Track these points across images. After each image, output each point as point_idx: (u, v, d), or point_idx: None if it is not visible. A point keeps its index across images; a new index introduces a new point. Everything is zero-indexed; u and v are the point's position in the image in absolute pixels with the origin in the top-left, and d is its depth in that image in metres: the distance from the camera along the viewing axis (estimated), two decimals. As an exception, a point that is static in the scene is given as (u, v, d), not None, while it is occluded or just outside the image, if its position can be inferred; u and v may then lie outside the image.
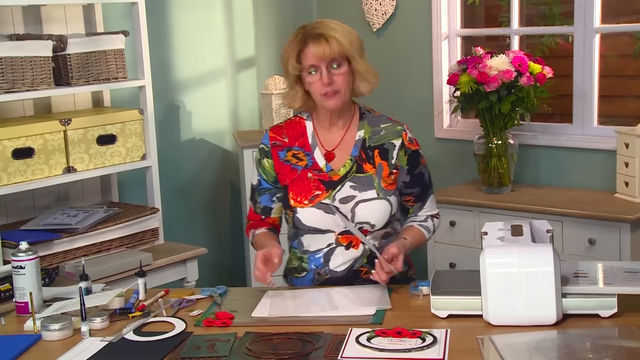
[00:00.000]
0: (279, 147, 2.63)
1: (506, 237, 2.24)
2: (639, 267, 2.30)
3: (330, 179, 2.58)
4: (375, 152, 2.60)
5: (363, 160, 2.59)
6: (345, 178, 2.57)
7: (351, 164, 2.59)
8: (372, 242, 2.55)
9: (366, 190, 2.56)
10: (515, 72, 3.79)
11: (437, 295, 2.25)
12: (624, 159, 3.73)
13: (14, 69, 3.23)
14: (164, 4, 4.12)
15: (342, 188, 2.56)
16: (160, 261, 3.49)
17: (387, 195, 2.58)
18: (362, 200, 2.55)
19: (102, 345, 2.19)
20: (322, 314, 2.31)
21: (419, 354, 2.01)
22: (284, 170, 2.62)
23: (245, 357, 2.06)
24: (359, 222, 2.55)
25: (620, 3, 4.61)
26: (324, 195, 2.56)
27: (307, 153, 2.62)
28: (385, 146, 2.61)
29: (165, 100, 4.16)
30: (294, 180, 2.59)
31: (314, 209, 2.55)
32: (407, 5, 4.51)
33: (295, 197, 2.58)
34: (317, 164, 2.60)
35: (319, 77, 2.50)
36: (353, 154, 2.60)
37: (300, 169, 2.60)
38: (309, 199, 2.56)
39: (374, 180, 2.58)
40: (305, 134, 2.64)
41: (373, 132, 2.62)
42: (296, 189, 2.58)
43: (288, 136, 2.64)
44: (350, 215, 2.54)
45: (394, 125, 2.65)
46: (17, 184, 3.26)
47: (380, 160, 2.60)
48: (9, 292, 2.88)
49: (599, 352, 1.97)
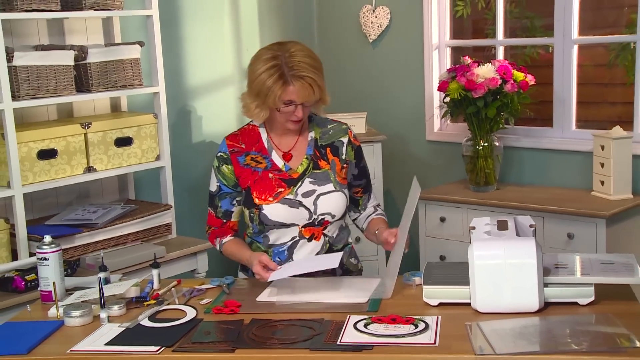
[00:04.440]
0: (237, 153, 2.64)
1: (492, 232, 2.24)
2: (614, 259, 2.30)
3: (290, 177, 2.60)
4: (327, 150, 2.65)
5: (318, 157, 2.64)
6: (305, 175, 2.61)
7: (308, 162, 2.63)
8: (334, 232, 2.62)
9: (324, 184, 2.60)
10: (500, 80, 3.79)
11: (428, 285, 2.25)
12: (600, 160, 3.72)
13: (39, 76, 3.22)
14: (176, 16, 4.11)
15: (302, 184, 2.59)
16: (173, 254, 3.49)
17: (342, 188, 2.63)
18: (322, 194, 2.59)
19: (120, 330, 2.19)
20: (322, 300, 2.32)
21: (412, 339, 2.01)
22: (244, 173, 2.62)
23: (251, 342, 2.06)
24: (321, 213, 2.58)
25: (595, 17, 4.61)
26: (286, 192, 2.58)
27: (265, 156, 2.63)
28: (335, 144, 2.67)
29: (177, 106, 4.15)
30: (255, 181, 2.60)
31: (279, 204, 2.57)
32: (400, 18, 4.51)
33: (259, 196, 2.58)
34: (276, 165, 2.62)
35: (292, 110, 2.52)
36: (308, 152, 2.64)
37: (260, 171, 2.61)
38: (273, 195, 2.57)
39: (330, 175, 2.62)
40: (261, 140, 2.65)
41: (322, 132, 2.68)
42: (259, 188, 2.59)
43: (245, 142, 2.65)
44: (313, 208, 2.57)
45: (339, 125, 2.71)
46: (41, 182, 3.26)
47: (333, 156, 2.65)
48: (35, 281, 2.88)
49: (577, 337, 1.97)
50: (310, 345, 2.01)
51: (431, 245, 4.05)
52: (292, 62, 2.47)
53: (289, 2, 4.70)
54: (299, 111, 2.51)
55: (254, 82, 2.52)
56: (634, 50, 3.89)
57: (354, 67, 4.67)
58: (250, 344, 2.04)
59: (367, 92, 4.61)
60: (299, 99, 2.49)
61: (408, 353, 1.95)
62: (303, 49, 2.52)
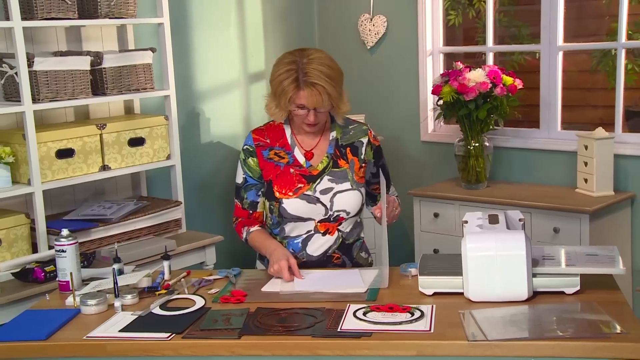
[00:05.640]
0: (262, 147, 2.62)
1: (484, 225, 2.23)
2: (598, 251, 2.29)
3: (310, 173, 2.58)
4: (347, 150, 2.63)
5: (338, 157, 2.61)
6: (324, 172, 2.58)
7: (328, 161, 2.60)
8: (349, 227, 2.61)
9: (342, 183, 2.58)
10: (491, 84, 3.77)
11: (424, 275, 2.24)
12: (584, 159, 3.72)
13: (58, 80, 3.21)
14: (186, 24, 4.10)
15: (321, 181, 2.57)
16: (183, 247, 3.47)
17: (359, 187, 2.60)
18: (339, 191, 2.57)
19: (133, 318, 2.18)
20: (324, 290, 2.30)
21: (408, 327, 2.00)
22: (267, 166, 2.60)
23: (256, 329, 2.05)
24: (337, 210, 2.56)
25: (579, 26, 4.61)
26: (305, 188, 2.56)
27: (288, 152, 2.61)
28: (355, 144, 2.64)
29: (187, 108, 4.14)
30: (277, 175, 2.58)
31: (298, 200, 2.55)
32: (396, 26, 4.50)
33: (280, 190, 2.56)
34: (298, 161, 2.60)
35: (305, 114, 2.49)
36: (329, 152, 2.61)
37: (282, 166, 2.59)
38: (293, 190, 2.55)
39: (348, 174, 2.59)
40: (285, 136, 2.63)
41: (343, 132, 2.65)
42: (280, 182, 2.57)
43: (269, 137, 2.63)
44: (329, 205, 2.55)
45: (359, 126, 2.69)
46: (59, 180, 3.25)
47: (352, 156, 2.62)
48: (53, 272, 2.87)
49: (563, 324, 1.96)
50: (312, 332, 2.00)
51: (425, 239, 4.04)
52: (307, 69, 2.44)
53: (292, 12, 4.69)
54: (310, 116, 2.48)
55: (273, 83, 2.51)
56: (615, 57, 3.89)
57: (353, 72, 4.65)
58: (255, 331, 2.03)
59: (366, 96, 4.60)
60: (310, 105, 2.46)
61: (405, 339, 1.94)
62: (322, 57, 2.47)
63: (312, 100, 2.45)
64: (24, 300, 2.84)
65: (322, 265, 2.57)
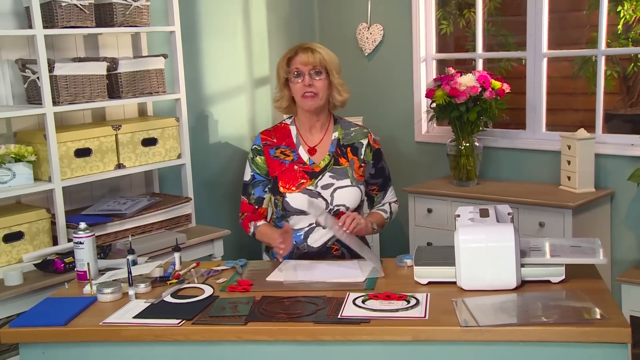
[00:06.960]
0: (269, 146, 2.63)
1: (475, 219, 2.22)
2: (581, 243, 2.28)
3: (312, 170, 2.59)
4: (348, 150, 2.63)
5: (339, 155, 2.62)
6: (325, 169, 2.59)
7: (329, 158, 2.61)
8: None
9: (342, 179, 2.58)
10: (480, 88, 3.76)
11: (419, 266, 2.23)
12: (567, 158, 3.70)
13: (76, 85, 3.20)
14: (196, 32, 4.09)
15: (322, 177, 2.58)
16: (192, 240, 3.46)
17: (358, 184, 2.60)
18: (339, 187, 2.57)
19: (146, 305, 2.17)
20: (325, 279, 2.29)
21: (405, 314, 1.99)
22: (274, 164, 2.61)
23: (261, 315, 2.03)
24: (337, 204, 2.56)
25: (562, 35, 4.60)
26: (308, 183, 2.56)
27: (293, 150, 2.62)
28: (356, 145, 2.65)
29: (196, 111, 4.12)
30: (282, 172, 2.59)
31: (300, 194, 2.55)
32: (392, 34, 4.48)
33: (284, 185, 2.57)
34: (302, 159, 2.61)
35: (302, 81, 2.53)
36: (331, 150, 2.62)
37: (287, 163, 2.60)
38: (296, 185, 2.55)
39: (348, 171, 2.60)
40: (290, 136, 2.64)
41: (345, 133, 2.66)
42: (285, 178, 2.58)
43: (276, 137, 2.65)
44: (330, 199, 2.55)
45: (361, 129, 2.71)
46: (78, 177, 3.23)
47: (352, 156, 2.63)
48: (72, 264, 2.86)
49: (549, 310, 1.96)
50: (314, 319, 1.99)
51: (419, 233, 4.02)
52: (306, 44, 2.55)
53: (294, 21, 4.67)
54: (306, 80, 2.50)
55: (276, 69, 2.58)
56: (595, 64, 3.87)
57: (352, 77, 4.63)
58: (260, 318, 2.02)
59: (363, 99, 4.58)
60: (302, 65, 2.50)
61: (401, 326, 1.93)
62: (323, 46, 2.58)
63: (305, 59, 2.50)
64: (45, 289, 2.83)
65: (322, 256, 2.56)
